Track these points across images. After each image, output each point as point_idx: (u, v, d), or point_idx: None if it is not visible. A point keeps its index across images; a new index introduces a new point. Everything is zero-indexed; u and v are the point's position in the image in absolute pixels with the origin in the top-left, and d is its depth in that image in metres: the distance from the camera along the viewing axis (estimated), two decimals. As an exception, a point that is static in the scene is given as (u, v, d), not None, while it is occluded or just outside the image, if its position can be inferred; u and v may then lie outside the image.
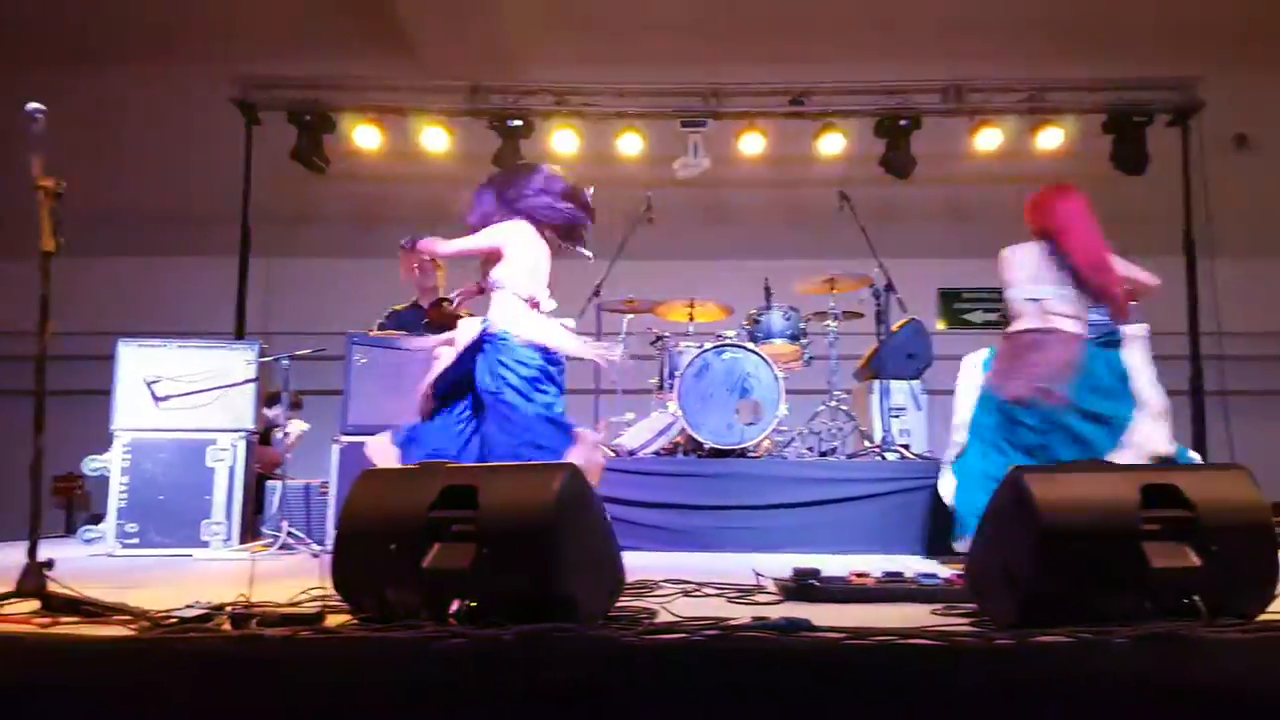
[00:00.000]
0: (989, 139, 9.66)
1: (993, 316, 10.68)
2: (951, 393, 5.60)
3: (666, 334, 7.42)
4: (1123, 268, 5.31)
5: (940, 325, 10.93)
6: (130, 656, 2.58)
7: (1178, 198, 9.34)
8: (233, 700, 2.36)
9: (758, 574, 4.29)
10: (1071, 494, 2.77)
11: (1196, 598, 2.74)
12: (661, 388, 7.33)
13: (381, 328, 7.07)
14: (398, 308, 7.47)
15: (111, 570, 5.23)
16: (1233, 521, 2.72)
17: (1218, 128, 9.49)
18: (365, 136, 9.52)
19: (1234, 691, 2.17)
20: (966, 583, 3.32)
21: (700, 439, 6.64)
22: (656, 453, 6.94)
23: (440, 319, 7.05)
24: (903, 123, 9.52)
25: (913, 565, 4.88)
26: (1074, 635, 2.50)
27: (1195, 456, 5.27)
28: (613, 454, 6.98)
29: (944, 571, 4.10)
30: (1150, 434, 5.20)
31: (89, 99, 10.44)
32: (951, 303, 11.12)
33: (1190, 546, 2.69)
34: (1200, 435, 9.03)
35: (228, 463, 6.13)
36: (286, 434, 6.64)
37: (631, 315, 7.80)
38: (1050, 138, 9.60)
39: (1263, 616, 2.72)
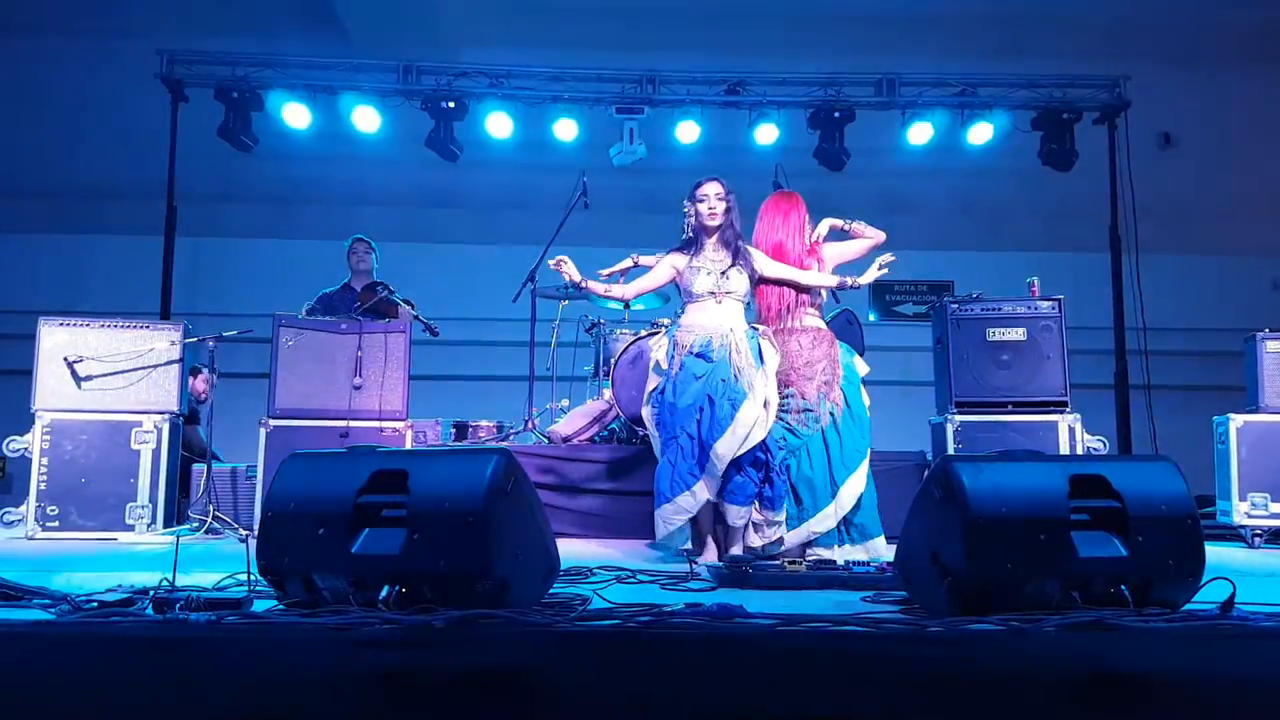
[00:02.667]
0: (921, 133, 9.74)
1: (923, 308, 10.80)
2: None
3: (601, 321, 7.40)
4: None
5: (872, 316, 11.03)
6: (49, 640, 2.51)
7: (1104, 194, 9.50)
8: (154, 686, 2.30)
9: (692, 560, 4.30)
10: (1000, 484, 2.79)
11: (1124, 587, 2.79)
12: (596, 374, 7.31)
13: (311, 311, 6.99)
14: (328, 291, 7.39)
15: (31, 553, 5.13)
16: (1159, 513, 2.76)
17: (1144, 126, 9.66)
18: (294, 115, 9.34)
19: (1161, 680, 2.19)
20: (896, 570, 3.35)
21: (635, 426, 6.63)
22: (591, 439, 6.92)
23: (373, 304, 6.99)
24: (836, 115, 9.56)
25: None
26: (1003, 623, 2.53)
27: None
28: (547, 440, 6.97)
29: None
30: None
31: (8, 72, 10.20)
32: (884, 294, 11.24)
33: (1118, 537, 2.73)
34: (1125, 428, 9.19)
35: (152, 445, 6.02)
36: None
37: (566, 302, 7.76)
38: (980, 133, 9.70)
39: (1188, 606, 2.77)
